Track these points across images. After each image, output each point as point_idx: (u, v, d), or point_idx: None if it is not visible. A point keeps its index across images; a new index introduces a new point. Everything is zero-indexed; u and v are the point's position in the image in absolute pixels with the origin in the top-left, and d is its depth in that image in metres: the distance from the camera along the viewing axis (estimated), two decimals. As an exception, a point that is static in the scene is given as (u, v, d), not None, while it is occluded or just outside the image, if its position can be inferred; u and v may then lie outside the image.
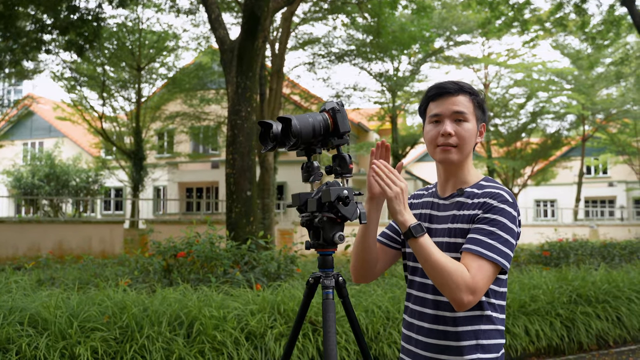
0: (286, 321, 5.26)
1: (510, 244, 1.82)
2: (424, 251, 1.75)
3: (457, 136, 1.91)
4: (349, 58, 26.78)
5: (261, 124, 1.82)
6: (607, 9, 16.35)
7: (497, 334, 1.88)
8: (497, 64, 33.08)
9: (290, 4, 10.95)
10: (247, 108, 8.03)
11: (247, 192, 8.02)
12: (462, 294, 1.72)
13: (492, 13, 16.85)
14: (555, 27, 19.01)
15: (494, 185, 1.91)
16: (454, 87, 1.95)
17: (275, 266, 6.82)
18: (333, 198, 1.73)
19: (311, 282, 1.89)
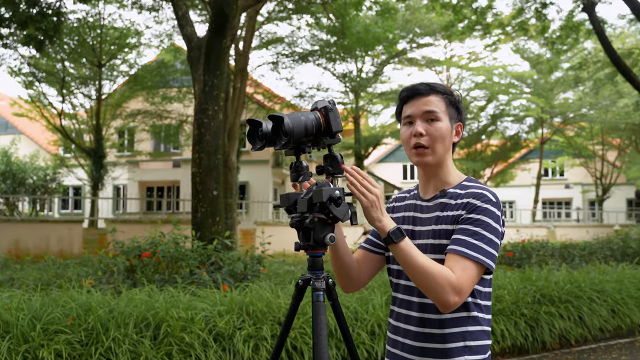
0: (254, 322, 5.21)
1: (494, 244, 1.81)
2: (405, 255, 1.73)
3: (428, 136, 1.90)
4: (313, 58, 26.79)
5: (250, 122, 1.77)
6: (566, 15, 16.67)
7: (484, 335, 1.88)
8: (459, 67, 33.50)
9: (259, 2, 10.87)
10: (214, 107, 7.94)
11: (213, 192, 7.93)
12: (447, 295, 1.70)
13: (455, 16, 17.03)
14: (516, 32, 19.31)
15: (477, 185, 1.91)
16: (424, 87, 1.95)
17: (242, 267, 6.76)
18: (325, 199, 1.69)
19: (300, 284, 1.85)
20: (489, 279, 1.90)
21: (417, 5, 26.97)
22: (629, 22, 21.49)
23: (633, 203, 42.63)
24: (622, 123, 31.47)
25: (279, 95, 27.74)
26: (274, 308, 5.42)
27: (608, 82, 24.46)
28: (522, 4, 16.95)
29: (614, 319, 7.32)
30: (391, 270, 2.04)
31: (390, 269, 2.04)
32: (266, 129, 1.73)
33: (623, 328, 7.47)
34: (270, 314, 5.34)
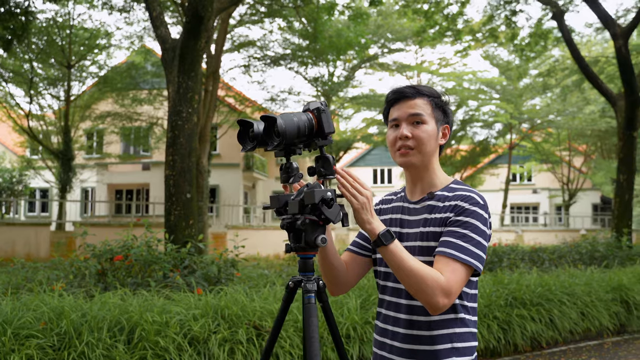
0: (230, 326, 5.17)
1: (482, 246, 1.82)
2: (395, 258, 1.73)
3: (414, 138, 1.91)
4: (285, 62, 26.79)
5: (241, 123, 1.75)
6: (535, 23, 16.96)
7: (471, 337, 1.89)
8: (430, 72, 33.78)
9: (235, 5, 10.82)
10: (189, 109, 7.88)
11: (186, 195, 7.86)
12: (436, 298, 1.71)
13: (426, 22, 17.19)
14: (486, 38, 19.57)
15: (465, 188, 1.92)
16: (411, 90, 1.96)
17: (215, 270, 6.71)
18: (317, 200, 1.69)
19: (291, 286, 1.84)
20: (475, 281, 1.91)
21: (389, 11, 27.15)
22: (595, 31, 21.94)
23: (598, 208, 43.44)
24: (588, 129, 32.03)
25: (250, 99, 27.65)
26: (249, 312, 5.39)
27: (575, 89, 24.92)
28: (492, 11, 17.18)
29: (584, 322, 7.45)
30: (378, 273, 2.03)
31: (378, 271, 2.04)
32: (257, 130, 1.71)
33: (592, 330, 7.60)
34: (245, 317, 5.31)
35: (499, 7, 16.83)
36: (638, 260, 10.51)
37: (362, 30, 21.88)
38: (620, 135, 13.26)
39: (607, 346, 7.38)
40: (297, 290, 1.85)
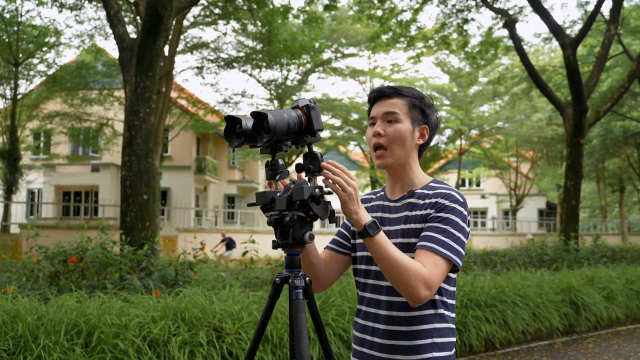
0: (190, 328, 5.11)
1: (462, 242, 1.86)
2: (380, 249, 1.74)
3: (386, 136, 1.94)
4: (238, 64, 26.65)
5: (228, 119, 1.75)
6: (485, 31, 17.33)
7: (450, 332, 1.93)
8: (382, 78, 34.08)
9: (194, 5, 10.72)
10: (146, 109, 7.75)
11: (143, 196, 7.74)
12: (419, 290, 1.73)
13: (380, 28, 17.36)
14: (438, 45, 19.89)
15: (445, 186, 1.95)
16: (389, 90, 2.00)
17: (173, 272, 6.63)
18: (306, 196, 1.69)
19: (278, 282, 1.83)
20: (454, 278, 1.95)
21: (343, 16, 27.32)
22: (544, 41, 22.54)
23: (544, 213, 44.60)
24: (535, 136, 32.85)
25: (203, 101, 27.41)
26: (209, 314, 5.34)
27: (524, 96, 25.55)
28: (444, 19, 17.46)
29: (535, 322, 7.63)
30: (358, 271, 2.05)
31: (357, 269, 2.06)
32: (246, 126, 1.70)
33: (543, 331, 7.80)
34: (205, 319, 5.26)
35: (451, 15, 17.12)
36: (585, 263, 10.84)
37: (316, 35, 21.96)
38: (568, 142, 13.65)
39: (557, 346, 7.59)
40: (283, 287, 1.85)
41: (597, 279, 9.08)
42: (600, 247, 12.32)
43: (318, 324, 1.80)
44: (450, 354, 1.91)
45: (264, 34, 21.00)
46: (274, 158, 1.79)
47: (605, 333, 8.49)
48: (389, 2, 16.38)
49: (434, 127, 2.05)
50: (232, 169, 35.11)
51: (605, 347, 7.60)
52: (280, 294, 1.85)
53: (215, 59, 25.75)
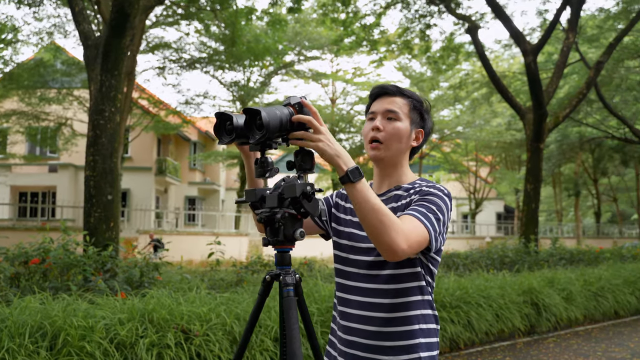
0: (157, 330, 5.05)
1: (442, 225, 1.85)
2: (362, 195, 1.69)
3: (384, 132, 1.96)
4: (201, 65, 26.46)
5: (218, 116, 1.73)
6: (447, 37, 17.57)
7: (434, 319, 1.96)
8: (345, 81, 34.29)
9: (161, 3, 10.60)
10: (111, 108, 7.63)
11: (107, 196, 7.61)
12: (399, 241, 1.68)
13: (344, 31, 17.44)
14: (401, 50, 20.07)
15: (430, 182, 1.97)
16: (393, 88, 2.02)
17: (138, 274, 6.54)
18: (299, 194, 1.68)
19: (268, 279, 1.82)
20: (435, 272, 1.96)
21: (306, 19, 27.38)
22: (503, 47, 22.96)
23: (502, 216, 45.36)
24: (494, 141, 33.41)
25: (164, 102, 27.11)
26: (177, 315, 5.29)
27: (484, 101, 25.95)
28: (407, 24, 17.62)
29: (498, 323, 7.75)
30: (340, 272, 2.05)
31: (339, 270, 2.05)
32: (237, 123, 1.69)
33: (505, 331, 7.93)
34: (172, 321, 5.20)
35: (413, 20, 17.29)
36: (545, 265, 11.06)
37: (280, 37, 21.96)
38: (528, 147, 13.92)
39: (519, 346, 7.72)
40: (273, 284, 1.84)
41: (556, 280, 9.27)
42: (558, 249, 12.59)
43: (307, 321, 1.80)
44: (436, 341, 1.95)
45: (227, 35, 20.89)
46: (264, 155, 1.78)
47: (564, 333, 8.68)
48: (353, 6, 16.46)
49: (428, 133, 2.08)
50: (193, 170, 34.81)
51: (565, 346, 7.76)
52: (269, 292, 1.84)
53: (177, 60, 25.52)
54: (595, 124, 26.02)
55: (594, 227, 41.38)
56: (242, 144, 1.80)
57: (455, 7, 15.42)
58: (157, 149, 30.82)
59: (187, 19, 21.66)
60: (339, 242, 2.06)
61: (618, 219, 44.42)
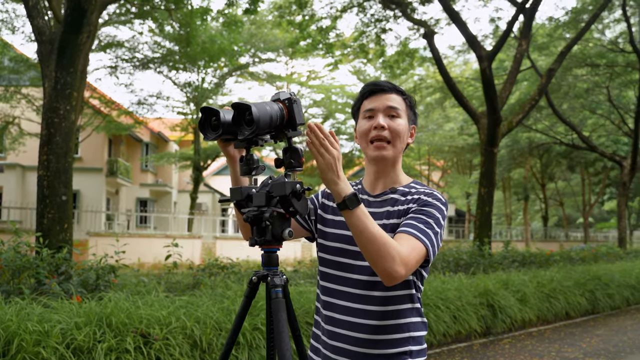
0: (115, 335, 4.92)
1: (439, 238, 1.85)
2: (359, 223, 1.67)
3: (389, 130, 1.91)
4: (154, 65, 26.08)
5: (204, 111, 1.67)
6: (401, 42, 17.75)
7: (423, 326, 1.94)
8: (299, 84, 34.28)
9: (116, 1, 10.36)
10: (66, 106, 7.40)
11: (62, 197, 7.38)
12: (397, 266, 1.67)
13: (300, 34, 17.43)
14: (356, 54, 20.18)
15: (427, 187, 1.96)
16: (388, 85, 1.98)
17: (94, 276, 6.37)
18: (288, 192, 1.63)
19: (254, 280, 1.76)
20: (425, 276, 1.95)
21: (262, 21, 27.27)
22: (457, 53, 23.31)
23: (453, 220, 45.99)
24: (447, 146, 33.88)
25: (116, 102, 26.60)
26: (135, 319, 5.16)
27: (438, 106, 26.30)
28: (363, 28, 17.72)
29: (455, 325, 7.83)
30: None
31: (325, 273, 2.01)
32: (224, 119, 1.64)
33: (462, 333, 8.02)
34: (131, 325, 5.08)
35: (369, 24, 17.39)
36: (499, 267, 11.25)
37: (235, 38, 21.77)
38: (482, 151, 14.14)
39: (475, 347, 7.82)
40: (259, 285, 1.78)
41: (511, 282, 9.43)
42: (511, 252, 12.83)
43: (293, 323, 1.75)
44: (424, 347, 1.93)
45: (182, 36, 20.56)
46: (249, 152, 1.73)
47: (519, 334, 8.83)
48: (309, 9, 16.47)
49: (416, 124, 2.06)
50: (145, 172, 34.25)
51: (520, 347, 7.90)
52: (256, 293, 1.79)
53: (130, 59, 25.09)
54: (544, 130, 26.67)
55: (541, 231, 42.40)
56: (228, 140, 1.74)
57: (411, 12, 15.58)
58: (108, 150, 30.22)
59: (140, 18, 21.28)
60: (324, 244, 2.01)
61: (564, 223, 45.62)
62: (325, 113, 34.31)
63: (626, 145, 30.94)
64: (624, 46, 21.71)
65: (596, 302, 10.99)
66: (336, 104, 34.15)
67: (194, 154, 29.91)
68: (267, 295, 1.71)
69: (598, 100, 25.21)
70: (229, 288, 6.88)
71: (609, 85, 23.02)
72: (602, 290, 11.22)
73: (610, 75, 22.87)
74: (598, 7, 16.53)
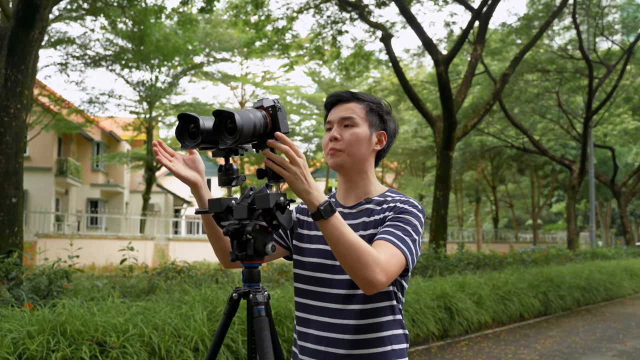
0: (70, 343, 4.75)
1: (417, 246, 1.80)
2: (335, 232, 1.60)
3: (342, 140, 1.88)
4: (106, 63, 25.56)
5: (182, 117, 1.58)
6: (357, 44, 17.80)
7: (405, 338, 1.90)
8: (254, 84, 34.13)
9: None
10: (17, 105, 7.12)
11: (12, 199, 7.10)
12: (376, 274, 1.60)
13: (256, 34, 17.32)
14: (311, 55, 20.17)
15: (403, 195, 1.91)
16: (346, 94, 1.94)
17: (46, 282, 6.15)
18: (272, 204, 1.55)
19: (235, 297, 1.67)
20: (405, 287, 1.91)
21: (217, 20, 27.03)
22: (412, 56, 23.54)
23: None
24: (400, 148, 34.17)
25: (66, 100, 25.93)
26: (91, 327, 5.00)
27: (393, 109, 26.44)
28: (319, 29, 17.71)
29: (414, 328, 7.85)
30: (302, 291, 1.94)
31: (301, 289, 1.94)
32: (204, 126, 1.54)
33: (420, 336, 8.04)
34: (87, 333, 4.91)
35: (325, 26, 17.38)
36: (454, 269, 11.35)
37: (190, 37, 21.51)
38: (438, 154, 14.27)
39: (433, 350, 7.86)
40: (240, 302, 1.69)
41: (467, 285, 9.52)
42: (466, 254, 12.97)
43: (274, 339, 1.66)
44: None
45: (135, 33, 20.22)
46: (228, 162, 1.64)
47: (475, 336, 8.92)
48: (266, 9, 16.37)
49: (392, 134, 1.99)
50: (96, 172, 33.51)
51: (477, 350, 7.97)
52: (236, 311, 1.70)
53: (81, 56, 24.51)
54: (496, 134, 27.15)
55: (492, 232, 43.14)
56: (206, 149, 1.65)
57: (367, 15, 15.63)
58: (58, 149, 29.46)
59: (92, 15, 20.79)
60: (301, 260, 1.94)
61: (514, 224, 46.56)
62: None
63: (574, 149, 31.80)
64: (573, 53, 22.28)
65: (548, 303, 11.20)
66: (291, 105, 34.12)
67: (147, 154, 29.42)
68: (248, 313, 1.63)
69: (548, 105, 25.82)
70: (187, 293, 6.74)
71: (558, 90, 23.60)
72: (554, 292, 11.44)
73: (559, 81, 23.45)
74: (551, 15, 16.91)
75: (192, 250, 23.45)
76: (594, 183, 24.04)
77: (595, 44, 22.35)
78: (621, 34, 24.99)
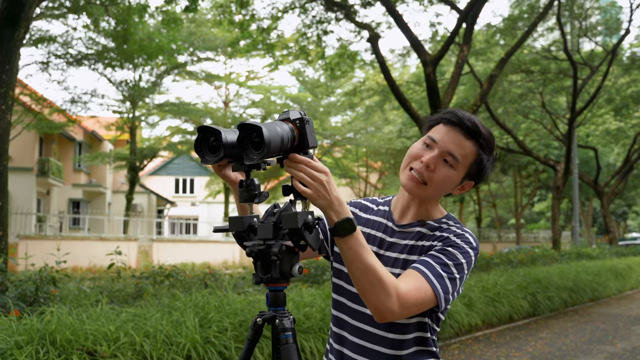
0: (60, 353, 4.61)
1: (455, 285, 1.66)
2: (350, 252, 1.50)
3: (434, 176, 1.71)
4: (89, 62, 25.26)
5: (202, 130, 1.47)
6: (341, 44, 17.73)
7: None
8: (238, 84, 33.94)
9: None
10: (2, 106, 6.95)
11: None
12: (391, 302, 1.51)
13: (241, 34, 17.20)
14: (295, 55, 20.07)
15: (459, 226, 1.78)
16: (473, 128, 1.73)
17: (33, 288, 5.99)
18: (300, 224, 1.44)
19: (259, 322, 1.56)
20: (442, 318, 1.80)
21: (202, 19, 26.84)
22: (397, 57, 23.52)
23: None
24: (384, 148, 34.17)
25: (48, 99, 25.58)
26: (81, 335, 4.87)
27: (378, 109, 26.47)
28: (304, 29, 17.62)
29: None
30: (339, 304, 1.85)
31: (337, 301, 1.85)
32: (226, 140, 1.44)
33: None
34: (77, 342, 4.78)
35: (311, 25, 17.30)
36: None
37: (174, 36, 21.32)
38: (424, 155, 14.19)
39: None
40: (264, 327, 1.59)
41: (457, 287, 9.48)
42: (454, 256, 12.95)
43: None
44: None
45: (118, 32, 19.96)
46: (249, 177, 1.54)
47: (466, 339, 8.88)
48: (251, 9, 16.25)
49: (478, 182, 1.84)
50: (78, 172, 33.11)
51: (469, 352, 7.93)
52: (260, 336, 1.59)
53: (63, 55, 24.19)
54: (480, 134, 27.18)
55: (475, 232, 43.30)
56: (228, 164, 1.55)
57: (353, 14, 15.56)
58: (39, 149, 29.06)
59: (75, 13, 20.52)
60: (340, 270, 1.84)
61: (497, 224, 46.79)
62: (263, 114, 34.06)
63: (557, 150, 32.01)
64: (557, 54, 22.40)
65: (537, 304, 11.21)
66: (275, 104, 33.95)
67: (130, 154, 29.15)
68: (273, 339, 1.52)
69: (531, 105, 25.95)
70: (177, 298, 6.60)
71: (542, 91, 23.72)
72: (543, 293, 11.46)
73: (543, 82, 23.57)
74: (537, 16, 16.95)
75: (175, 251, 23.25)
76: (577, 183, 24.19)
77: (579, 45, 22.49)
78: (603, 35, 25.21)
